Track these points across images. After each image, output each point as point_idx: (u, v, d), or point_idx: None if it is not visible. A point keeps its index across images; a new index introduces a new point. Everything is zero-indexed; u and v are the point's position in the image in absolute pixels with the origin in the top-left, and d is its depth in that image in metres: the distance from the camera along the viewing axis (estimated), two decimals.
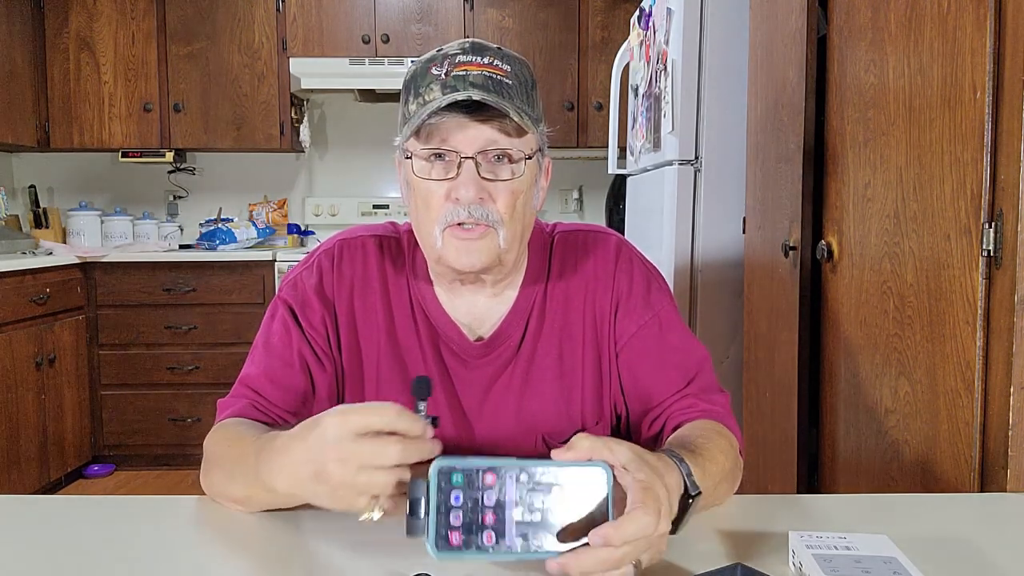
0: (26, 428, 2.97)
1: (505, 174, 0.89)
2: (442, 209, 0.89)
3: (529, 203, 0.94)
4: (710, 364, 1.00)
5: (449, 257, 0.90)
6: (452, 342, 0.98)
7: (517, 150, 0.89)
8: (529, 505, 0.62)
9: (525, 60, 0.94)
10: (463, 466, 0.63)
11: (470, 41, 0.91)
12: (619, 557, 0.61)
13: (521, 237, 0.94)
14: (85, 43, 3.66)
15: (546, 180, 0.99)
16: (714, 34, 2.32)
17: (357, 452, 0.68)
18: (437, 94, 0.87)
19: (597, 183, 3.99)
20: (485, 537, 0.60)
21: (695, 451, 0.79)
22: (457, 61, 0.88)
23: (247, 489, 0.81)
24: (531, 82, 0.92)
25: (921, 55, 1.31)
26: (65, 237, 3.81)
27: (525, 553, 0.61)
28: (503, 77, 0.88)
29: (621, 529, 0.61)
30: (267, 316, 1.01)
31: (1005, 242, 1.10)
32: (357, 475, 0.68)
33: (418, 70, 0.91)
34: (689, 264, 2.40)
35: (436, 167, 0.89)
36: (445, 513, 0.61)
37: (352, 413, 0.70)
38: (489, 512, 0.61)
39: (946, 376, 1.24)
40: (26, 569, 0.72)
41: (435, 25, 3.72)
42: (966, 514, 0.88)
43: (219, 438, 0.88)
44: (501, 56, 0.90)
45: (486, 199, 0.88)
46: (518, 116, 0.86)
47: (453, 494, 0.62)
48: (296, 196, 4.15)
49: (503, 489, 0.62)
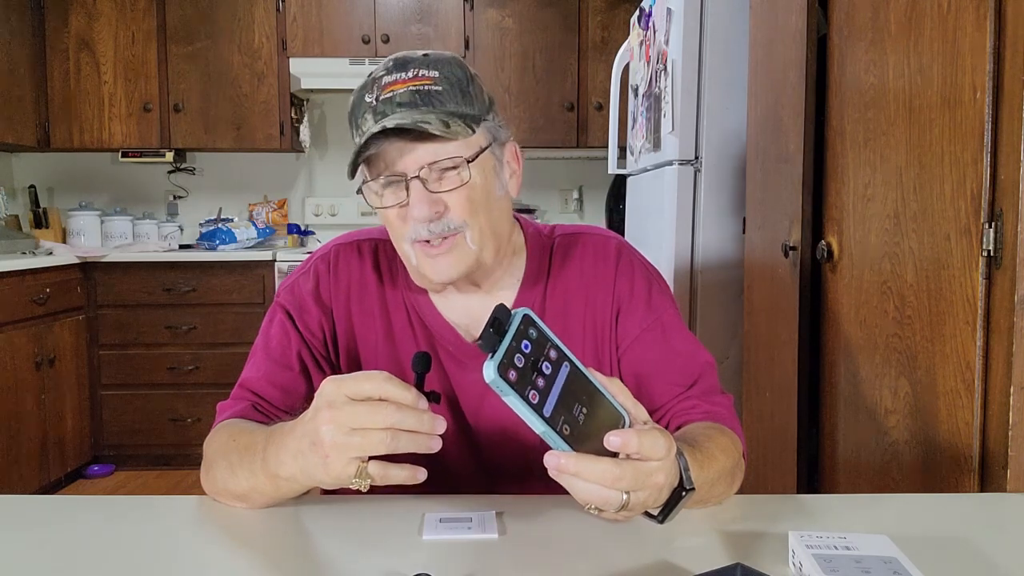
0: (26, 428, 2.97)
1: (453, 183, 0.89)
2: (404, 229, 0.91)
3: (491, 195, 0.93)
4: (713, 367, 1.00)
5: (426, 272, 0.93)
6: (449, 344, 0.98)
7: (458, 157, 0.89)
8: (570, 396, 0.65)
9: (456, 58, 0.94)
10: (542, 327, 0.66)
11: (394, 58, 0.92)
12: (617, 475, 0.63)
13: (492, 231, 0.93)
14: (85, 43, 3.66)
15: (517, 164, 0.99)
16: (714, 34, 2.32)
17: (350, 413, 0.70)
18: (370, 123, 0.89)
19: (597, 183, 3.99)
20: (531, 394, 0.62)
21: (695, 447, 0.79)
22: (383, 83, 0.90)
23: (250, 480, 0.81)
24: (465, 78, 0.92)
25: (921, 55, 1.31)
26: (65, 237, 3.81)
27: (551, 429, 0.62)
28: (430, 86, 0.89)
29: (639, 436, 0.64)
30: (266, 320, 1.02)
31: (1005, 242, 1.10)
32: (349, 437, 0.70)
33: (355, 100, 0.93)
34: (689, 264, 2.40)
35: (386, 194, 0.91)
36: (514, 350, 0.62)
37: (345, 379, 0.72)
38: (541, 378, 0.63)
39: (946, 376, 1.24)
40: (26, 569, 0.72)
41: (435, 25, 3.72)
42: (966, 514, 0.88)
43: (223, 435, 0.88)
44: (427, 64, 0.90)
45: (442, 211, 0.89)
46: (443, 126, 0.86)
47: (524, 342, 0.64)
48: (296, 196, 4.15)
49: (559, 371, 0.65)
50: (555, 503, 0.84)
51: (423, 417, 0.70)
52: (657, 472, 0.66)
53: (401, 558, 0.72)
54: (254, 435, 0.83)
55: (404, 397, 0.70)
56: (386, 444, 0.69)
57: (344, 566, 0.72)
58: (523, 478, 0.94)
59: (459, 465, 1.00)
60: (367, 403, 0.70)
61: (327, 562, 0.73)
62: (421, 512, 0.82)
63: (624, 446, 0.64)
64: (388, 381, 0.70)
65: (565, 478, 0.64)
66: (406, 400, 0.70)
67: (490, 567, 0.71)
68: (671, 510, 0.72)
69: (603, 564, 0.71)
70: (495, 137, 0.94)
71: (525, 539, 0.78)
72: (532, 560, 0.74)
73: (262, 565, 0.73)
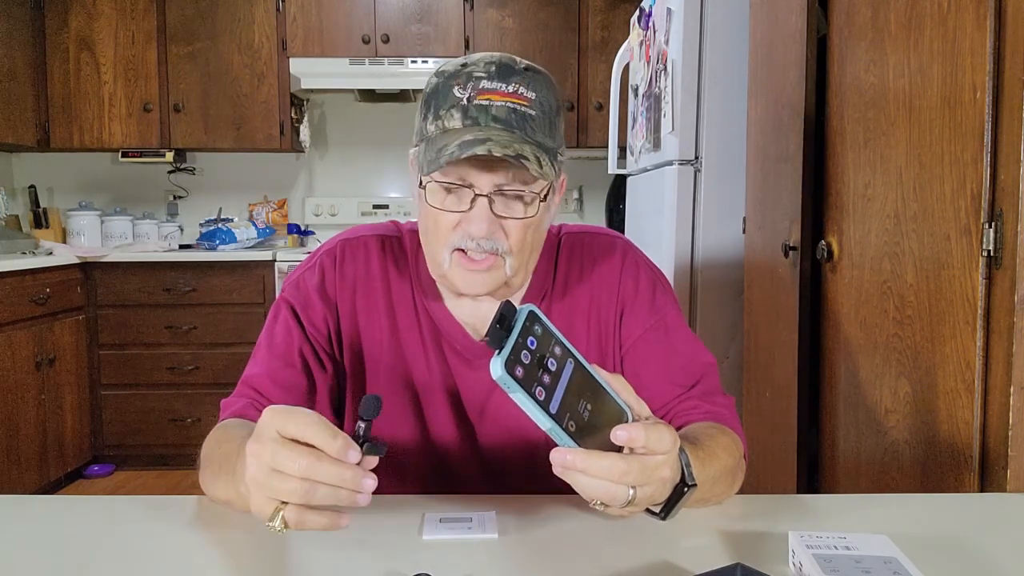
0: (26, 428, 2.97)
1: (518, 212, 0.88)
2: (452, 235, 0.89)
3: (540, 230, 0.94)
4: (715, 368, 1.00)
5: (455, 281, 0.91)
6: (456, 342, 0.98)
7: (531, 192, 0.88)
8: (574, 393, 0.65)
9: (551, 80, 0.92)
10: (547, 324, 0.66)
11: (497, 60, 0.88)
12: (624, 470, 0.63)
13: (530, 260, 0.94)
14: (85, 43, 3.66)
15: (559, 195, 0.98)
16: (714, 34, 2.32)
17: (272, 452, 0.64)
18: (457, 123, 0.86)
19: (597, 183, 3.99)
20: (537, 390, 0.62)
21: (696, 445, 0.79)
22: (481, 87, 0.86)
23: (226, 491, 0.79)
24: (555, 108, 0.90)
25: (921, 55, 1.31)
26: (65, 237, 3.81)
27: (557, 425, 0.62)
28: (527, 108, 0.86)
29: (646, 431, 0.64)
30: (270, 317, 1.01)
31: (1005, 242, 1.10)
32: (268, 477, 0.64)
33: (440, 86, 0.89)
34: (689, 264, 2.40)
35: (450, 198, 0.88)
36: (520, 346, 0.62)
37: (279, 412, 0.66)
38: (547, 374, 0.63)
39: (946, 376, 1.24)
40: (26, 569, 0.72)
41: (435, 25, 3.72)
42: (966, 514, 0.88)
43: (213, 439, 0.88)
44: (527, 81, 0.88)
45: (497, 232, 0.88)
46: (536, 162, 0.84)
47: (530, 339, 0.64)
48: (296, 196, 4.15)
49: (564, 367, 0.65)
50: (555, 503, 0.84)
51: (345, 472, 0.63)
52: (663, 466, 0.66)
53: (401, 558, 0.71)
54: (232, 444, 0.80)
55: (328, 446, 0.63)
56: (300, 494, 0.63)
57: (344, 566, 0.72)
58: (526, 478, 0.94)
59: (461, 465, 1.00)
60: (289, 445, 0.64)
61: (327, 562, 0.73)
62: (421, 512, 0.82)
63: (631, 440, 0.64)
64: (314, 424, 0.64)
65: (571, 475, 0.64)
66: (330, 449, 0.63)
67: (490, 567, 0.71)
68: (673, 506, 0.72)
69: (603, 564, 0.71)
70: (558, 173, 0.92)
71: (525, 539, 0.78)
72: (532, 560, 0.74)
73: (262, 565, 0.73)
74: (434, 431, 0.99)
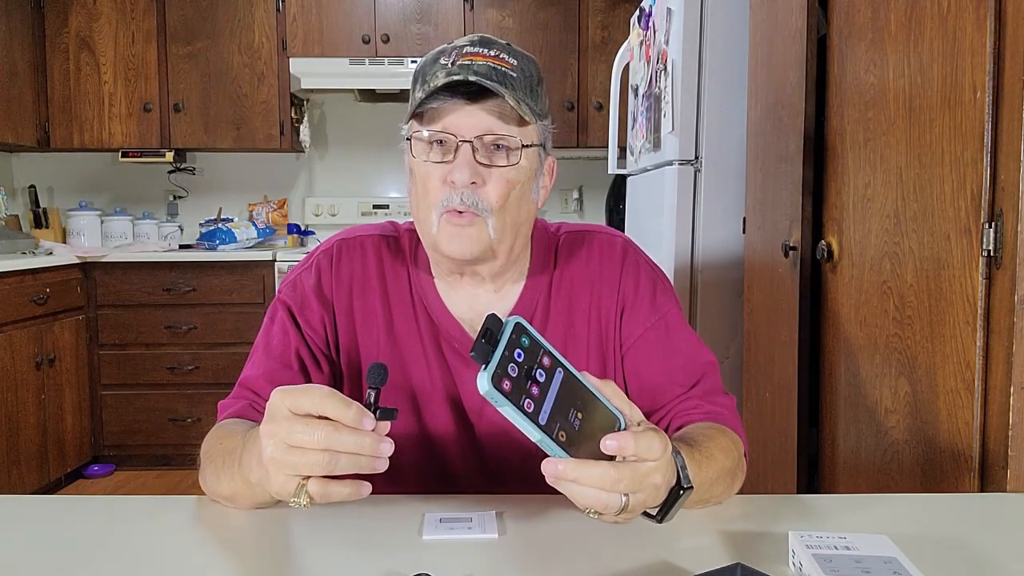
0: (26, 428, 2.97)
1: (501, 160, 0.90)
2: (439, 193, 0.90)
3: (525, 197, 0.94)
4: (716, 368, 1.00)
5: (443, 243, 0.91)
6: (453, 339, 0.98)
7: (515, 139, 0.90)
8: (564, 402, 0.65)
9: (534, 58, 0.95)
10: (534, 335, 0.65)
11: (480, 35, 0.93)
12: (615, 478, 0.63)
13: (514, 229, 0.94)
14: (85, 43, 3.66)
15: (550, 180, 0.99)
16: (714, 34, 2.32)
17: (287, 430, 0.67)
18: (441, 80, 0.88)
19: (597, 183, 3.99)
20: (526, 403, 0.62)
21: (693, 446, 0.79)
22: (464, 52, 0.90)
23: (231, 485, 0.80)
24: (537, 78, 0.93)
25: (921, 55, 1.31)
26: (65, 237, 3.81)
27: (547, 436, 0.62)
28: (508, 70, 0.89)
29: (635, 438, 0.64)
30: (267, 318, 1.01)
31: (1005, 242, 1.10)
32: (286, 454, 0.67)
33: (426, 62, 0.93)
34: (689, 264, 2.40)
35: (434, 150, 0.91)
36: (507, 359, 0.62)
37: (288, 392, 0.69)
38: (535, 386, 0.63)
39: (946, 376, 1.24)
40: (26, 569, 0.72)
41: (435, 25, 3.72)
42: (966, 514, 0.88)
43: (214, 437, 0.88)
44: (509, 51, 0.92)
45: (479, 184, 0.89)
46: (516, 103, 0.87)
47: (517, 351, 0.63)
48: (296, 196, 4.15)
49: (553, 377, 0.65)
50: (555, 503, 0.84)
51: (363, 438, 0.66)
52: (654, 472, 0.66)
53: (401, 558, 0.71)
54: (236, 438, 0.82)
55: (344, 416, 0.66)
56: (322, 465, 0.66)
57: (344, 566, 0.72)
58: (526, 477, 0.93)
59: (461, 464, 1.00)
60: (304, 420, 0.67)
61: (327, 562, 0.73)
62: (421, 512, 0.82)
63: (620, 449, 0.64)
64: (328, 397, 0.67)
65: (564, 484, 0.64)
66: (345, 419, 0.66)
67: (490, 567, 0.71)
68: (669, 509, 0.72)
69: (603, 564, 0.71)
70: (544, 143, 0.95)
71: (525, 539, 0.78)
72: (532, 560, 0.74)
73: (262, 565, 0.73)
74: (433, 431, 0.99)
